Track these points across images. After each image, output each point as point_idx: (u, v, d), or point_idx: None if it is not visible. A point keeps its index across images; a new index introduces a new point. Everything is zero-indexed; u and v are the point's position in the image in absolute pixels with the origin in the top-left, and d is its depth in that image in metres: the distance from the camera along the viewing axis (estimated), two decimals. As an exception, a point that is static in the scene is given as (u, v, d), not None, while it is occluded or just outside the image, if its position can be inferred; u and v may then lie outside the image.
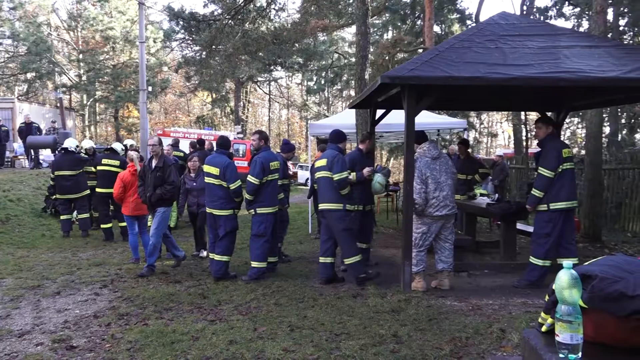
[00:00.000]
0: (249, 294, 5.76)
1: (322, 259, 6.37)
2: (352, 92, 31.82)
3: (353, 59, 26.30)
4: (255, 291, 5.89)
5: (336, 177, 6.07)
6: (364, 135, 7.32)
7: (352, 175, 6.34)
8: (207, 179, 6.61)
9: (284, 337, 4.36)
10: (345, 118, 11.54)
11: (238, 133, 27.58)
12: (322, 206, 6.28)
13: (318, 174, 6.34)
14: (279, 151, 8.15)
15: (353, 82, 25.16)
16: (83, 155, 10.71)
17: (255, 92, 46.58)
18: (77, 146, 10.87)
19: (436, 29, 20.06)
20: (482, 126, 33.33)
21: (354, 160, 6.68)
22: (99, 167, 9.69)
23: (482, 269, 6.93)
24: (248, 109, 44.76)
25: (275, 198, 6.63)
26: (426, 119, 10.00)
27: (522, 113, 18.64)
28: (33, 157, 17.23)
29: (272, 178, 6.53)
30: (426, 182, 5.80)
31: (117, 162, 9.53)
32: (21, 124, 18.33)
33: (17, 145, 19.26)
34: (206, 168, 6.62)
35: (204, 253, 8.05)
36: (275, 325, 4.69)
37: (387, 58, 17.37)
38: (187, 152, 12.27)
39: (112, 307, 5.37)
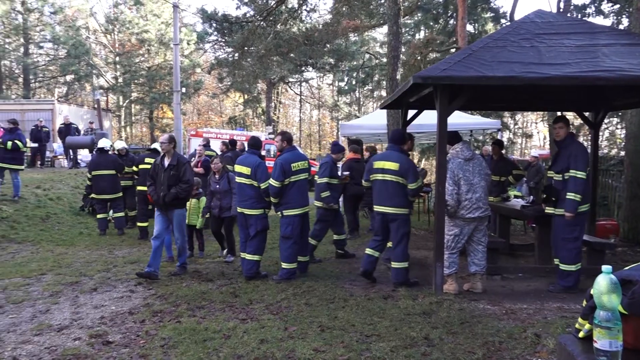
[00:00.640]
0: (279, 294, 5.80)
1: (368, 251, 6.35)
2: (384, 93, 31.66)
3: (384, 59, 26.20)
4: (285, 291, 5.92)
5: (413, 185, 5.99)
6: (406, 135, 7.28)
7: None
8: (238, 179, 6.69)
9: (315, 337, 4.37)
10: (376, 118, 11.50)
11: (269, 134, 27.79)
12: (387, 209, 6.13)
13: (382, 176, 6.17)
14: (330, 152, 8.17)
15: (384, 82, 25.04)
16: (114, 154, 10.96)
17: (286, 93, 46.86)
18: (110, 146, 11.14)
19: (469, 28, 19.79)
20: (516, 127, 32.68)
21: None
22: (141, 166, 9.89)
23: (516, 273, 6.79)
24: (279, 110, 45.04)
25: (302, 199, 6.52)
26: (459, 119, 9.89)
27: (559, 113, 18.20)
28: (72, 157, 17.76)
29: (296, 179, 6.43)
30: (458, 184, 5.72)
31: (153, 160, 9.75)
32: (61, 124, 18.93)
33: (57, 145, 19.88)
34: (237, 168, 6.70)
35: (231, 258, 7.84)
36: (305, 325, 4.71)
37: (419, 58, 17.24)
38: (219, 152, 12.45)
39: (146, 304, 5.48)
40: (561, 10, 17.38)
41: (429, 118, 8.35)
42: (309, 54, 25.90)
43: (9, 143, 10.98)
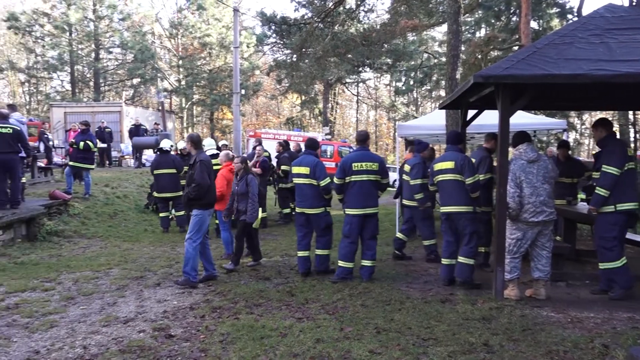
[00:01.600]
0: (335, 294, 5.81)
1: (445, 261, 6.27)
2: (442, 93, 31.10)
3: (443, 59, 25.70)
4: (341, 291, 5.92)
5: (469, 180, 5.99)
6: (489, 135, 7.15)
7: (482, 177, 6.30)
8: (296, 180, 6.78)
9: (371, 339, 4.35)
10: (434, 119, 11.30)
11: (326, 134, 27.93)
12: (450, 209, 6.13)
13: (442, 177, 6.18)
14: (417, 151, 8.15)
15: (443, 82, 24.62)
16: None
17: (343, 94, 46.94)
18: (171, 146, 11.53)
19: (533, 24, 19.10)
20: (583, 127, 31.18)
21: (483, 161, 6.71)
22: None
23: (582, 279, 6.48)
24: (336, 111, 45.18)
25: (362, 199, 6.41)
26: (521, 119, 9.54)
27: (630, 112, 17.24)
28: (138, 157, 18.58)
29: (357, 179, 6.38)
30: (520, 186, 5.53)
31: (219, 161, 10.06)
32: (131, 125, 19.89)
33: (124, 145, 20.83)
34: (295, 169, 6.79)
35: (231, 266, 7.23)
36: (361, 326, 4.69)
37: (479, 57, 16.81)
38: (275, 152, 12.63)
39: (206, 300, 5.64)
40: (634, 3, 16.43)
41: (489, 118, 8.11)
42: (366, 54, 25.81)
43: (81, 143, 11.60)
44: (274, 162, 12.62)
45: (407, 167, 8.02)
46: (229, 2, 30.78)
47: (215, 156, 10.36)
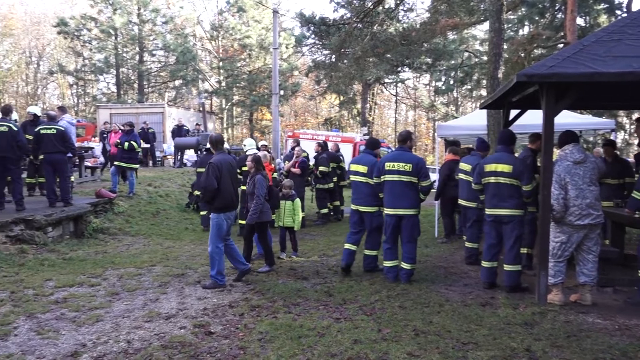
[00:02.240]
0: (373, 295, 5.79)
1: (486, 264, 6.16)
2: (483, 92, 30.49)
3: (485, 57, 25.18)
4: (379, 292, 5.89)
5: (528, 187, 5.84)
6: (534, 135, 6.96)
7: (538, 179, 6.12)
8: (353, 177, 6.88)
9: (409, 341, 4.31)
10: (475, 119, 11.09)
11: (364, 135, 27.81)
12: (501, 212, 5.98)
13: (496, 179, 6.01)
14: (478, 150, 8.11)
15: (484, 81, 24.11)
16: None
17: (382, 94, 46.67)
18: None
19: (579, 21, 18.50)
20: (632, 127, 29.97)
21: (532, 163, 6.58)
22: (243, 168, 10.33)
23: (631, 285, 6.23)
24: (374, 111, 44.96)
25: (394, 199, 6.39)
26: (566, 119, 9.24)
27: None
28: (179, 157, 19.00)
29: (390, 178, 6.37)
30: (565, 188, 5.36)
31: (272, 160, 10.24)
32: (174, 126, 20.38)
33: (166, 145, 21.34)
34: (353, 167, 6.92)
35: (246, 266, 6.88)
36: (399, 328, 4.66)
37: (522, 55, 16.39)
38: (314, 152, 12.68)
39: (245, 299, 5.72)
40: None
41: (533, 118, 7.90)
42: (405, 54, 25.57)
43: (126, 144, 11.95)
44: (312, 162, 12.65)
45: (466, 167, 7.91)
46: (268, 3, 31.10)
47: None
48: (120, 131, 13.08)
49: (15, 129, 8.84)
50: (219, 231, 6.27)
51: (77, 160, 13.49)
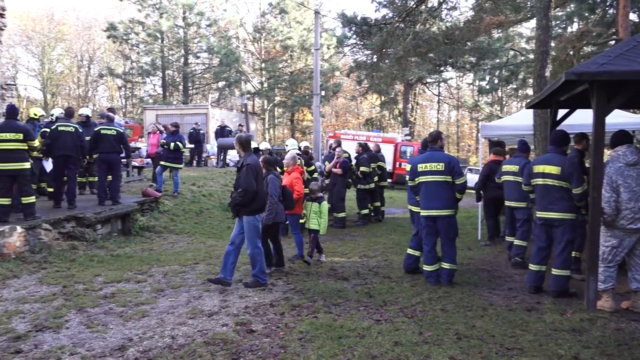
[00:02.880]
0: (414, 297, 5.72)
1: (534, 267, 6.00)
2: (529, 91, 29.67)
3: (531, 56, 24.56)
4: (420, 295, 5.83)
5: (578, 190, 5.64)
6: (579, 135, 6.76)
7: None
8: (428, 177, 6.63)
9: (451, 345, 4.25)
10: (520, 119, 10.81)
11: (406, 135, 27.57)
12: (551, 215, 5.81)
13: (544, 180, 5.86)
14: (521, 152, 8.03)
15: (531, 80, 23.47)
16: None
17: (424, 94, 46.15)
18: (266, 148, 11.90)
19: (632, 17, 17.71)
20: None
21: (579, 164, 6.33)
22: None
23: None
24: (416, 111, 44.50)
25: (427, 200, 6.34)
26: (617, 119, 8.88)
27: None
28: (222, 157, 19.35)
29: (424, 179, 6.33)
30: (617, 191, 5.15)
31: (301, 161, 10.28)
32: (217, 126, 20.79)
33: (209, 146, 21.76)
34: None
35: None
36: (441, 331, 4.59)
37: (571, 53, 15.85)
38: (355, 153, 12.65)
39: (285, 298, 5.76)
40: None
41: (582, 117, 7.64)
42: (448, 53, 25.18)
43: (172, 144, 12.26)
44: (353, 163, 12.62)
45: (513, 167, 7.78)
46: (310, 5, 31.26)
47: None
48: (158, 132, 13.40)
49: (80, 130, 9.25)
50: (257, 232, 6.23)
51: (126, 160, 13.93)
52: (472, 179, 26.93)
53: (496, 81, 33.46)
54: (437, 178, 6.24)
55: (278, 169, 7.38)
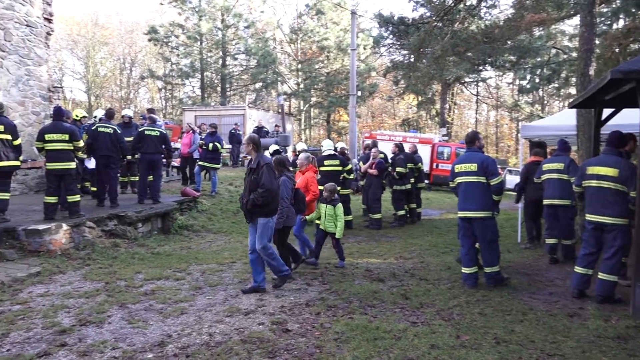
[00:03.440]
0: (451, 300, 5.64)
1: (580, 270, 5.82)
2: (572, 90, 28.85)
3: (574, 54, 23.86)
4: (458, 298, 5.74)
5: (634, 193, 5.41)
6: (626, 136, 6.56)
7: None
8: (463, 178, 6.51)
9: (489, 350, 4.17)
10: (562, 119, 10.50)
11: (443, 136, 27.23)
12: (603, 219, 5.63)
13: (599, 182, 5.68)
14: (562, 151, 7.91)
15: (574, 79, 22.81)
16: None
17: (462, 94, 45.44)
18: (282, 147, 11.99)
19: (683, 12, 16.98)
20: None
21: None
22: (321, 168, 10.49)
23: None
24: (454, 111, 43.87)
25: (464, 201, 6.25)
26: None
27: None
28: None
29: (460, 180, 6.27)
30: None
31: (337, 162, 10.31)
32: (254, 127, 21.04)
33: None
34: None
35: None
36: (479, 335, 4.51)
37: (617, 50, 15.33)
38: (391, 153, 12.58)
39: (321, 298, 5.77)
40: None
41: (628, 117, 7.37)
42: (488, 52, 24.71)
43: (210, 145, 12.47)
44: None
45: (558, 165, 7.62)
46: (347, 5, 31.24)
47: (331, 156, 10.58)
48: (191, 131, 13.62)
49: (119, 131, 9.53)
50: (270, 234, 5.99)
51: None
52: (511, 180, 26.36)
53: (537, 80, 32.65)
54: (471, 179, 6.16)
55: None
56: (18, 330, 4.64)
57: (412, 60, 24.36)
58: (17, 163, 7.94)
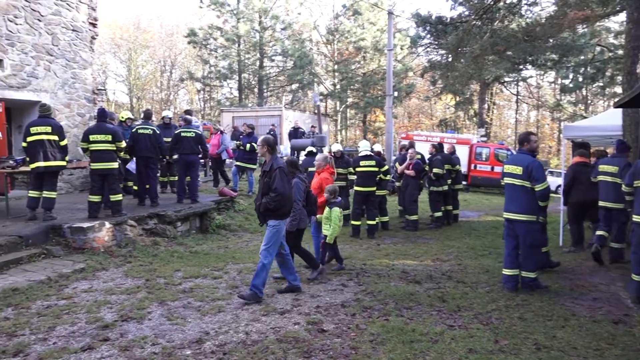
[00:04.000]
0: (490, 304, 5.54)
1: (637, 277, 5.65)
2: (618, 89, 27.86)
3: (620, 51, 23.05)
4: (496, 301, 5.62)
5: None
6: None
7: None
8: (509, 180, 6.33)
9: (529, 355, 4.07)
10: (608, 119, 10.14)
11: (481, 136, 26.76)
12: None
13: None
14: (618, 152, 7.77)
15: (619, 77, 22.04)
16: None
17: (501, 94, 44.50)
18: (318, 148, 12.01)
19: None
20: None
21: None
22: (357, 169, 10.47)
23: None
24: (493, 111, 43.00)
25: (506, 202, 6.20)
26: None
27: None
28: (296, 157, 19.70)
29: (505, 181, 6.21)
30: None
31: (373, 163, 10.28)
32: (291, 128, 21.22)
33: (282, 147, 22.19)
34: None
35: (314, 275, 6.72)
36: (519, 340, 4.41)
37: (666, 47, 14.69)
38: (428, 154, 12.44)
39: (356, 299, 5.75)
40: None
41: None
42: (528, 50, 24.02)
43: (247, 145, 12.62)
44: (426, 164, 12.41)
45: (612, 168, 7.49)
46: (383, 5, 31.08)
47: (368, 157, 10.54)
48: (219, 132, 13.77)
49: (157, 132, 9.76)
50: (279, 238, 5.81)
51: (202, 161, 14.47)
52: (552, 182, 25.60)
53: (581, 79, 31.72)
54: (515, 182, 6.05)
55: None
56: (64, 324, 4.81)
57: (450, 59, 23.94)
58: (64, 163, 8.25)
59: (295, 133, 20.22)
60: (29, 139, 7.92)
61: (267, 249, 5.70)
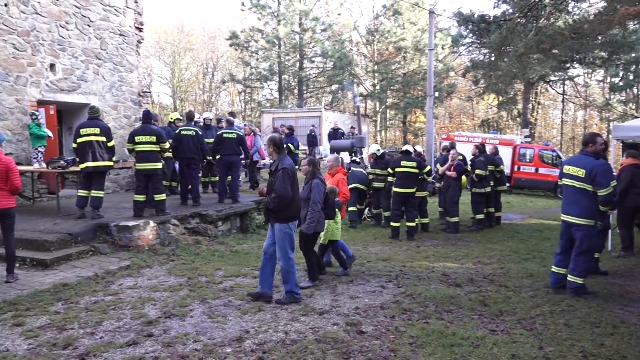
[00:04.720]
0: (533, 309, 5.39)
1: None
2: (672, 88, 26.64)
3: (675, 48, 22.07)
4: (541, 306, 5.47)
5: None
6: None
7: None
8: (568, 181, 6.17)
9: (575, 363, 3.94)
10: (661, 118, 9.73)
11: (525, 137, 26.09)
12: None
13: None
14: None
15: (674, 75, 21.10)
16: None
17: (546, 93, 43.25)
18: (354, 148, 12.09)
19: None
20: None
21: None
22: (397, 169, 10.41)
23: None
24: (537, 111, 41.84)
25: (564, 204, 6.05)
26: None
27: None
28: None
29: (564, 182, 6.07)
30: None
31: (414, 164, 10.20)
32: (330, 129, 21.27)
33: (322, 148, 22.25)
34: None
35: (309, 284, 6.41)
36: (564, 347, 4.28)
37: None
38: (471, 155, 12.22)
39: (396, 301, 5.71)
40: None
41: None
42: (576, 48, 23.27)
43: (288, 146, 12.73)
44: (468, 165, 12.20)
45: None
46: (424, 5, 30.72)
47: (409, 158, 10.43)
48: (252, 133, 13.89)
49: (200, 133, 9.96)
50: (289, 241, 5.65)
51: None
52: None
53: (631, 77, 30.50)
54: (576, 184, 5.87)
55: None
56: (110, 319, 4.97)
57: (492, 59, 23.42)
58: (111, 163, 8.54)
59: (334, 134, 20.25)
60: (79, 140, 8.23)
61: (283, 255, 5.61)
